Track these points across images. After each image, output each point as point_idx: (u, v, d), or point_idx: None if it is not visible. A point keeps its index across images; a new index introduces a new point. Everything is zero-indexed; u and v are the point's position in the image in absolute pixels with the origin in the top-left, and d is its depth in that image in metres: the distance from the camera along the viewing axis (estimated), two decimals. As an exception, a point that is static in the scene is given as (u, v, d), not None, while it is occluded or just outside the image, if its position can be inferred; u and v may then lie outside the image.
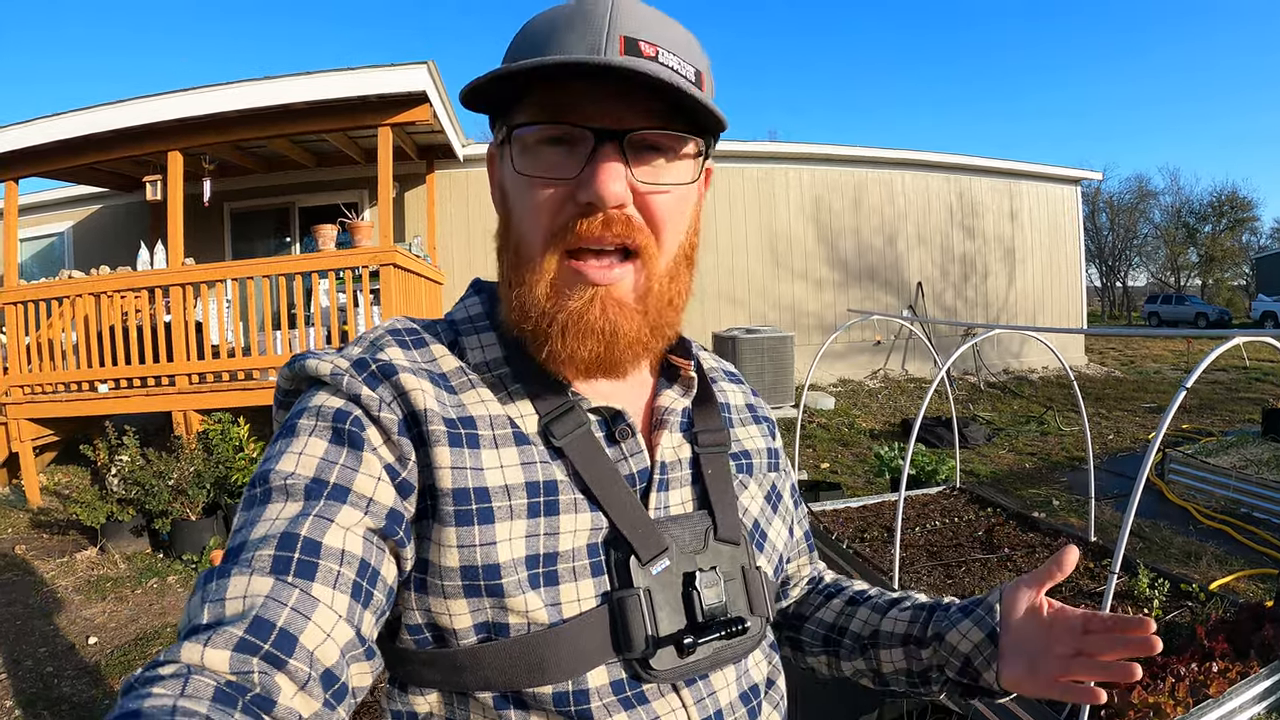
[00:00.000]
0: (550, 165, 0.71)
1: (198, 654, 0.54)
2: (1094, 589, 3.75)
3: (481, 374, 0.79)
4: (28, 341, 7.75)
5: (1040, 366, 13.84)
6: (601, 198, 0.68)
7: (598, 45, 0.67)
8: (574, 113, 0.69)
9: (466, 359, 0.80)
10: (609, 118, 0.69)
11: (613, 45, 0.67)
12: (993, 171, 14.08)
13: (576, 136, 0.70)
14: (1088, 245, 25.35)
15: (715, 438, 0.87)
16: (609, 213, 0.70)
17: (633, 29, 0.68)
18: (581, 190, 0.69)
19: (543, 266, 0.72)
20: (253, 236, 11.39)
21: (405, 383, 0.72)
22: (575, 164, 0.70)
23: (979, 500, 5.36)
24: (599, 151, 0.68)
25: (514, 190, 0.75)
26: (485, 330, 0.83)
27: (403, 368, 0.73)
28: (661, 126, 0.70)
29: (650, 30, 0.69)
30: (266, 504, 0.65)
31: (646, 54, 0.68)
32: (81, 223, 12.12)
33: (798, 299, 12.63)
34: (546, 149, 0.71)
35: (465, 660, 0.70)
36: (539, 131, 0.71)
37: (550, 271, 0.72)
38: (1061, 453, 8.54)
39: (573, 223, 0.70)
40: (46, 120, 7.65)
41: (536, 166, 0.71)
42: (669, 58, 0.69)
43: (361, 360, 0.74)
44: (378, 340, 0.79)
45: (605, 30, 0.67)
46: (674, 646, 0.72)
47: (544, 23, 0.71)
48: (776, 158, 12.67)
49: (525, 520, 0.71)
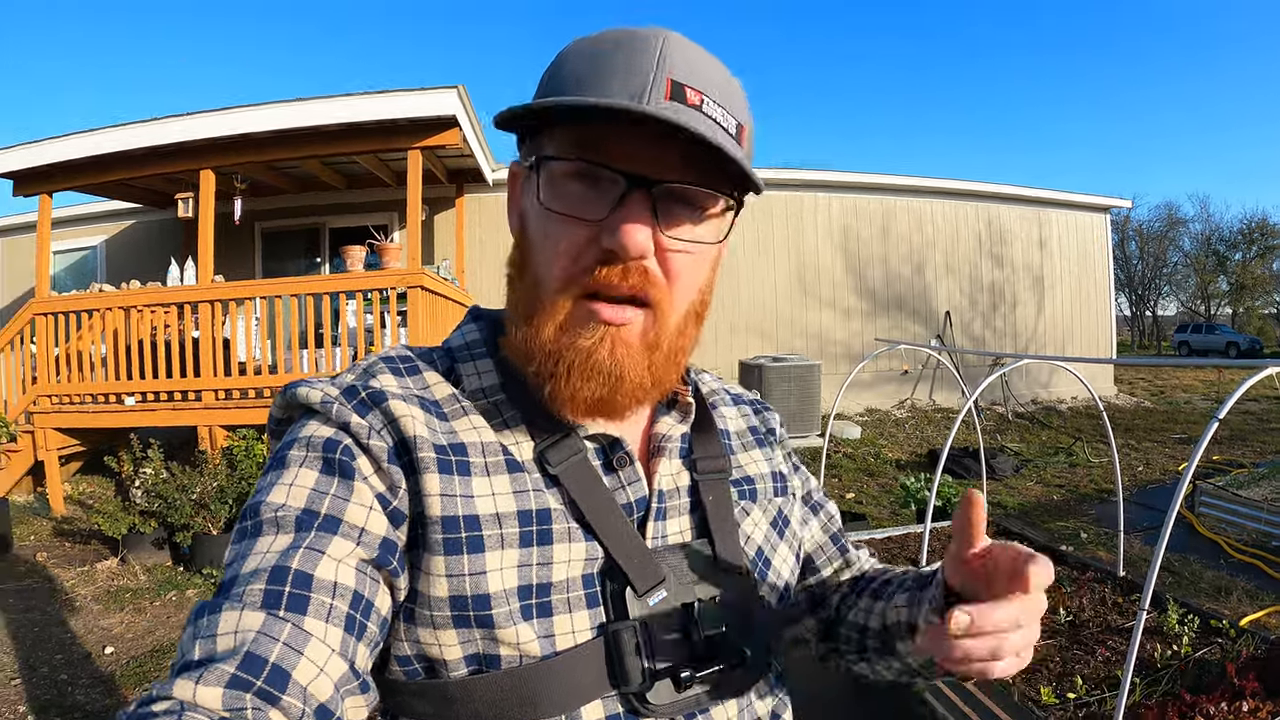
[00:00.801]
0: (576, 203, 0.68)
1: (190, 691, 0.53)
2: (1123, 624, 3.66)
3: (477, 401, 0.77)
4: (57, 352, 7.87)
5: (1069, 397, 13.68)
6: (625, 249, 0.66)
7: (643, 85, 0.64)
8: (608, 152, 0.66)
9: (462, 386, 0.78)
10: (643, 163, 0.66)
11: (659, 86, 0.64)
12: (1021, 199, 14.00)
13: (607, 178, 0.67)
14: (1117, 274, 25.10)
15: (715, 464, 0.85)
16: (629, 264, 0.68)
17: (682, 72, 0.66)
18: (605, 236, 0.67)
19: (555, 306, 0.70)
20: (283, 256, 11.52)
21: (395, 409, 0.71)
22: (602, 206, 0.67)
23: (1005, 533, 5.27)
24: (628, 199, 0.66)
25: (535, 221, 0.72)
26: (482, 357, 0.81)
27: (393, 394, 0.72)
28: (695, 182, 0.68)
29: (698, 75, 0.67)
30: (258, 537, 0.64)
31: (691, 101, 0.65)
32: (114, 237, 12.33)
33: (825, 328, 12.58)
34: (574, 184, 0.68)
35: (456, 692, 0.68)
36: (569, 166, 0.68)
37: (563, 312, 0.70)
38: (1090, 484, 8.41)
39: (592, 268, 0.68)
40: (81, 136, 7.81)
41: (562, 202, 0.69)
42: (713, 108, 0.66)
43: (352, 388, 0.73)
44: (370, 367, 0.78)
45: (653, 70, 0.65)
46: (671, 680, 0.70)
47: (589, 51, 0.68)
48: (805, 185, 12.67)
49: (517, 549, 0.69)
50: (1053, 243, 14.31)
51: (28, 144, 7.98)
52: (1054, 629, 3.71)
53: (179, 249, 10.08)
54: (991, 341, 13.64)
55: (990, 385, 12.64)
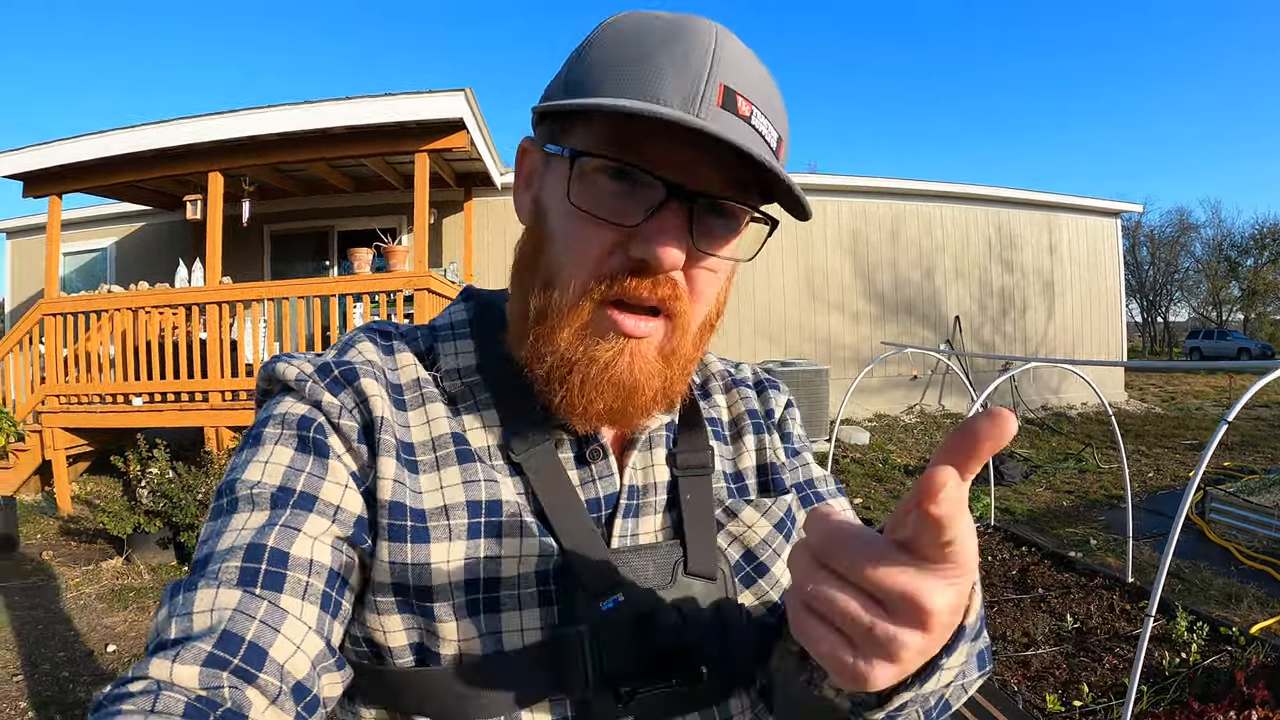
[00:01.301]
0: (609, 205, 0.64)
1: (166, 670, 0.53)
2: (1130, 632, 3.63)
3: (449, 381, 0.75)
4: (65, 353, 7.90)
5: (1079, 403, 13.61)
6: (660, 262, 0.62)
7: (696, 90, 0.60)
8: (648, 155, 0.62)
9: (439, 365, 0.76)
10: (684, 171, 0.62)
11: (711, 92, 0.61)
12: (1031, 204, 13.95)
13: (644, 181, 0.63)
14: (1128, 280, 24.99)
15: (697, 459, 0.79)
16: (659, 275, 0.65)
17: (734, 78, 0.62)
18: (638, 244, 0.63)
19: (574, 311, 0.66)
20: (292, 258, 11.57)
21: (367, 388, 0.69)
22: (636, 211, 0.63)
23: (1014, 539, 5.24)
24: (666, 208, 0.62)
25: (559, 216, 0.67)
26: (464, 338, 0.78)
27: (365, 371, 0.70)
28: (734, 197, 0.65)
29: (748, 82, 0.63)
30: (233, 514, 0.63)
31: (742, 111, 0.62)
32: (125, 239, 12.41)
33: (834, 332, 12.55)
34: (607, 183, 0.64)
35: (399, 682, 0.66)
36: (603, 164, 0.63)
37: (581, 318, 0.66)
38: (1100, 491, 8.36)
39: (621, 276, 0.64)
40: (90, 137, 7.85)
41: (593, 202, 0.64)
42: (761, 120, 0.63)
43: (325, 365, 0.71)
44: (352, 339, 0.76)
45: (705, 74, 0.61)
46: (613, 693, 0.66)
47: (636, 40, 0.64)
48: (814, 190, 12.63)
49: (465, 542, 0.66)
50: (1063, 247, 14.25)
51: (37, 145, 8.02)
52: (1061, 636, 3.68)
53: (188, 251, 10.12)
54: (1001, 347, 13.58)
55: (1000, 391, 12.58)
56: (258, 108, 7.53)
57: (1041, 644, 3.59)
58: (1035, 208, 14.00)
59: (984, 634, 0.67)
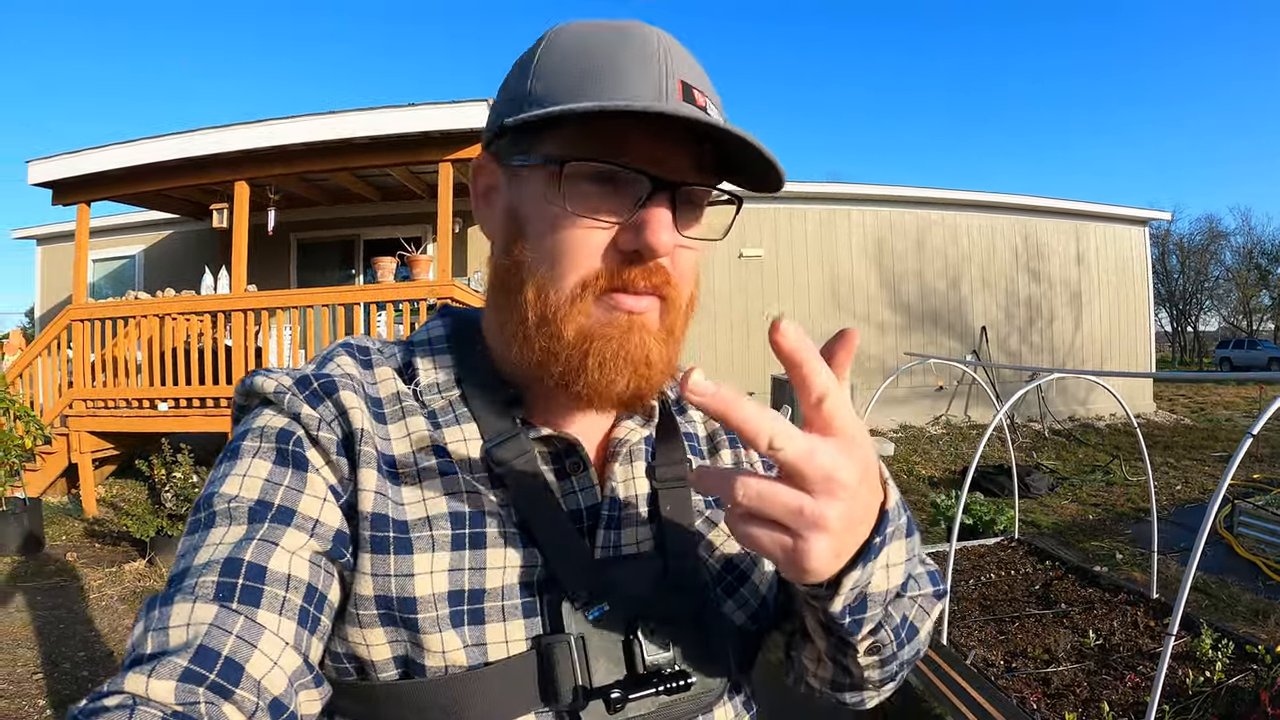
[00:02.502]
0: (597, 205, 0.66)
1: (142, 685, 0.52)
2: (1154, 649, 3.56)
3: (428, 395, 0.75)
4: (93, 358, 8.01)
5: (1107, 414, 13.43)
6: (654, 249, 0.65)
7: (661, 88, 0.64)
8: (627, 153, 0.65)
9: (417, 380, 0.76)
10: (664, 164, 0.65)
11: (672, 89, 0.64)
12: (1058, 212, 13.82)
13: (628, 178, 0.65)
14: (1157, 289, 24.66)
15: (675, 470, 0.81)
16: (652, 264, 0.67)
17: (686, 74, 0.66)
18: (630, 236, 0.66)
19: (579, 305, 0.67)
20: (319, 267, 11.70)
21: (346, 400, 0.69)
22: (624, 207, 0.66)
23: (1038, 552, 5.16)
24: (653, 199, 0.65)
25: (543, 222, 0.69)
26: (443, 353, 0.79)
27: (345, 384, 0.71)
28: (707, 182, 0.69)
29: (696, 75, 0.67)
30: (210, 528, 0.63)
31: (699, 103, 0.65)
32: (152, 247, 12.59)
33: (859, 343, 12.36)
34: (591, 185, 0.66)
35: (383, 695, 0.66)
36: (588, 167, 0.65)
37: (584, 314, 0.68)
38: (1127, 503, 8.25)
39: (616, 269, 0.67)
40: (117, 147, 7.98)
41: (580, 203, 0.66)
42: (713, 110, 0.66)
43: (304, 378, 0.71)
44: (331, 353, 0.77)
45: (663, 70, 0.65)
46: (603, 701, 0.66)
47: (586, 45, 0.67)
48: (838, 199, 12.61)
49: (449, 553, 0.67)
50: (1090, 256, 14.10)
51: (65, 154, 8.18)
52: (1083, 653, 3.62)
53: (215, 259, 10.24)
54: (1028, 357, 13.44)
55: (1028, 402, 12.45)
56: (282, 118, 7.64)
57: (1062, 661, 3.53)
58: (1062, 216, 13.88)
59: (916, 536, 0.69)
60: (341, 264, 11.69)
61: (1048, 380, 4.20)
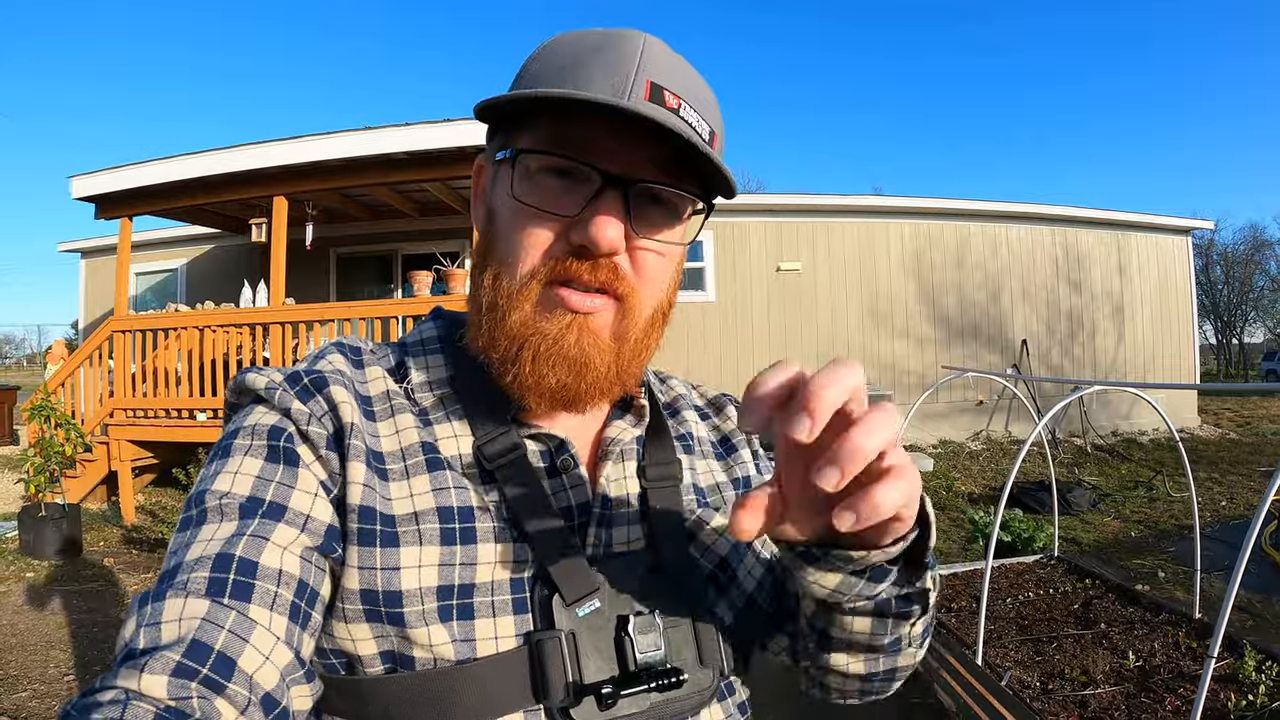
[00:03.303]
0: (550, 198, 0.68)
1: (135, 680, 0.52)
2: (1194, 671, 3.47)
3: (420, 394, 0.76)
4: (133, 369, 8.17)
5: (1150, 428, 13.15)
6: (596, 244, 0.66)
7: (623, 85, 0.65)
8: (584, 149, 0.66)
9: (409, 380, 0.77)
10: (618, 162, 0.66)
11: (638, 88, 0.65)
12: (1099, 223, 13.59)
13: (582, 174, 0.67)
14: (1200, 300, 24.16)
15: (665, 470, 0.81)
16: (599, 259, 0.68)
17: (661, 76, 0.66)
18: (577, 231, 0.67)
19: (521, 295, 0.69)
20: (357, 281, 11.90)
21: (336, 395, 0.70)
22: (576, 202, 0.67)
23: (1078, 570, 5.05)
24: (603, 196, 0.66)
25: (505, 213, 0.72)
26: (435, 352, 0.80)
27: (335, 380, 0.71)
28: (668, 183, 0.69)
29: (676, 79, 0.68)
30: (202, 525, 0.63)
31: (669, 104, 0.66)
32: (195, 260, 12.86)
33: (898, 357, 12.37)
34: (548, 179, 0.68)
35: (370, 691, 0.66)
36: (545, 160, 0.68)
37: (530, 300, 0.69)
38: (1170, 520, 8.07)
39: (562, 260, 0.68)
40: (159, 162, 8.16)
41: (535, 196, 0.68)
42: (689, 113, 0.67)
43: (295, 375, 0.72)
44: (323, 351, 0.77)
45: (633, 70, 0.65)
46: (594, 697, 0.66)
47: (569, 47, 0.69)
48: (878, 211, 12.53)
49: (438, 547, 0.67)
50: (1132, 267, 13.84)
51: (108, 169, 8.38)
52: (1122, 675, 3.53)
53: (255, 272, 10.41)
54: (1070, 370, 13.22)
55: (1069, 417, 12.23)
56: (320, 134, 7.76)
57: (1101, 683, 3.44)
58: (1103, 226, 13.65)
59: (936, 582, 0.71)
60: (380, 278, 11.85)
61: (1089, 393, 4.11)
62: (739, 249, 12.02)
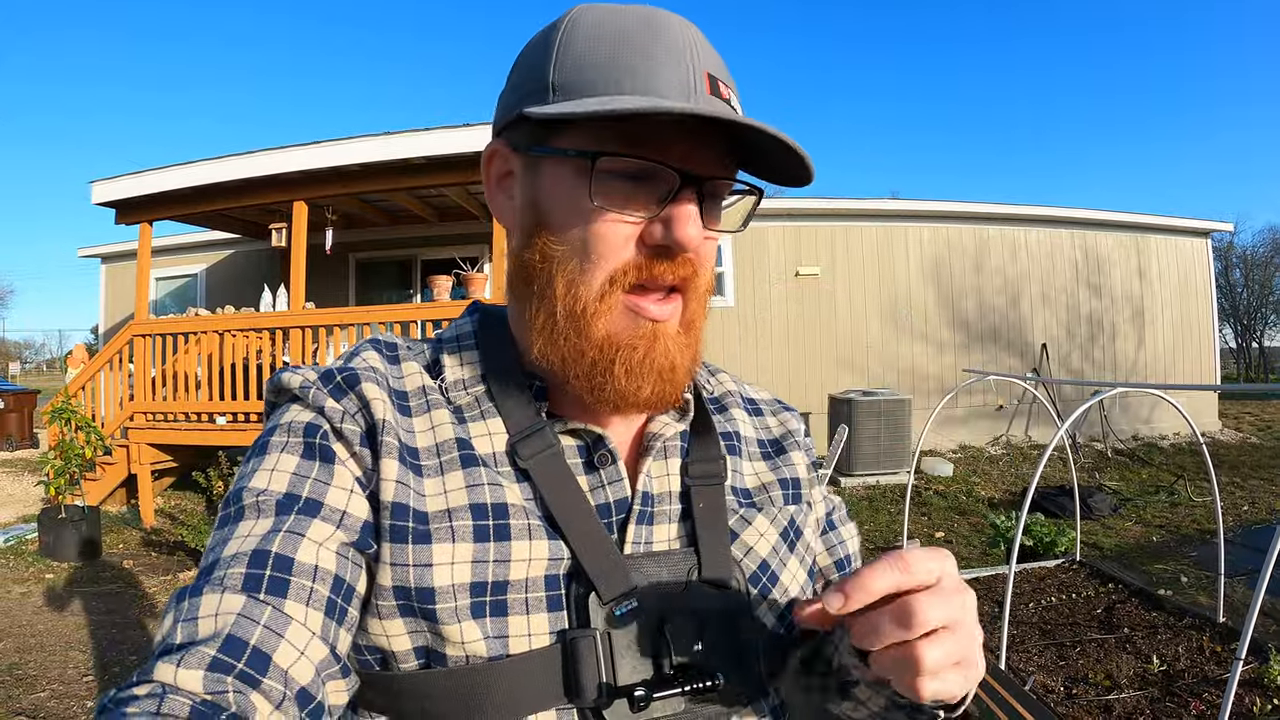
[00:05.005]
0: (626, 200, 0.67)
1: (171, 674, 0.53)
2: (1219, 675, 3.43)
3: (454, 392, 0.76)
4: (153, 373, 8.23)
5: (1171, 433, 13.02)
6: (683, 244, 0.66)
7: (690, 82, 0.65)
8: (655, 148, 0.65)
9: (444, 376, 0.77)
10: (690, 159, 0.66)
11: (700, 83, 0.65)
12: (1119, 225, 13.47)
13: (657, 174, 0.66)
14: (1220, 303, 23.87)
15: (709, 468, 0.79)
16: (679, 257, 0.68)
17: (711, 65, 0.67)
18: (660, 231, 0.67)
19: (606, 303, 0.68)
20: (376, 286, 11.96)
21: (368, 392, 0.70)
22: (653, 202, 0.67)
23: (1100, 575, 5.01)
24: (681, 194, 0.66)
25: (573, 215, 0.68)
26: (470, 349, 0.80)
27: (368, 377, 0.71)
28: (729, 176, 0.70)
29: (719, 66, 0.68)
30: (239, 521, 0.63)
31: (724, 95, 0.66)
32: (214, 265, 12.94)
33: (917, 361, 12.27)
34: (618, 181, 0.66)
35: (404, 686, 0.66)
36: (618, 163, 0.66)
37: (611, 311, 0.69)
38: (1192, 525, 7.99)
39: (645, 263, 0.68)
40: (178, 168, 8.22)
41: (610, 200, 0.67)
42: (735, 100, 0.68)
43: (329, 373, 0.72)
44: (358, 349, 0.78)
45: (693, 66, 0.65)
46: (627, 699, 0.64)
47: (614, 38, 0.66)
48: (896, 215, 12.48)
49: (471, 544, 0.66)
50: (1152, 270, 13.71)
51: (128, 175, 8.46)
52: (1146, 679, 3.49)
53: (274, 277, 10.46)
54: (1090, 375, 13.07)
55: (1090, 421, 12.12)
56: (339, 139, 7.80)
57: (1125, 687, 3.40)
58: (1122, 229, 13.52)
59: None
60: (399, 283, 11.90)
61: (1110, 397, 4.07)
62: (757, 254, 11.99)
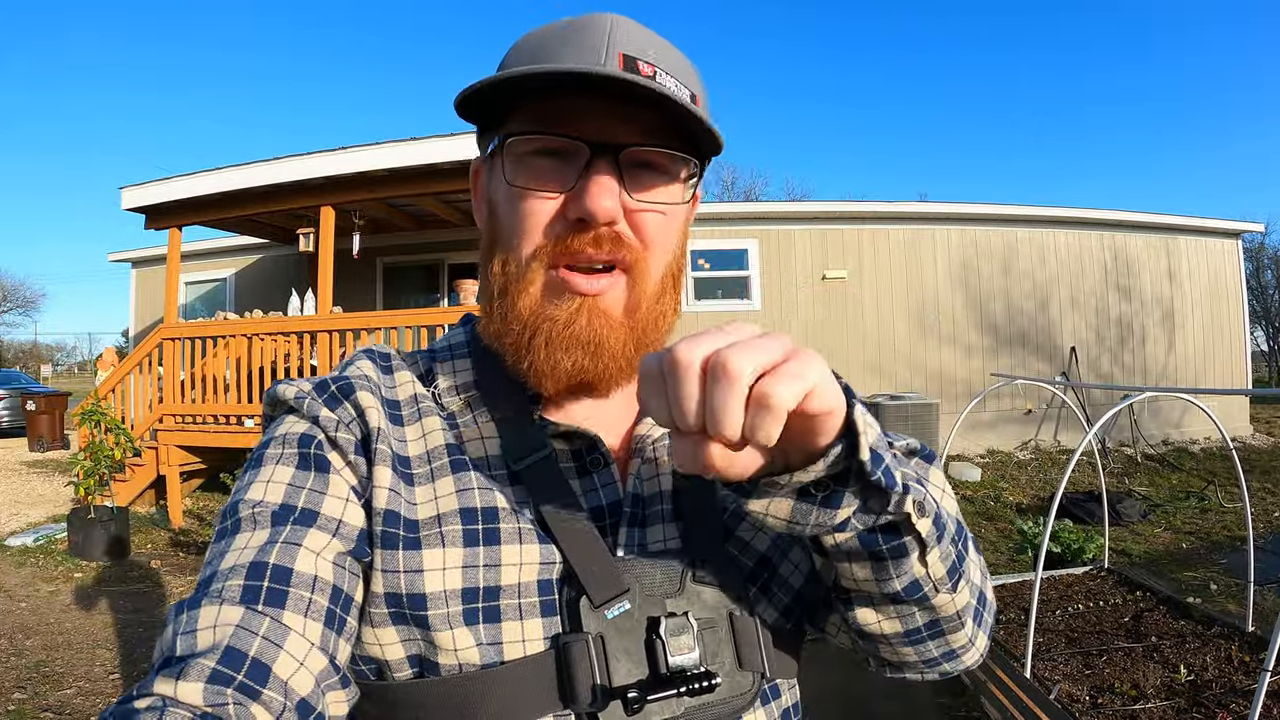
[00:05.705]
0: (542, 177, 0.69)
1: (171, 687, 0.53)
2: (1247, 686, 3.37)
3: (447, 398, 0.77)
4: (182, 376, 8.34)
5: (1202, 437, 12.83)
6: (593, 213, 0.66)
7: (596, 61, 0.66)
8: (569, 125, 0.67)
9: (436, 384, 0.78)
10: (605, 132, 0.67)
11: (611, 61, 0.66)
12: (1148, 226, 13.28)
13: (571, 149, 0.68)
14: (1251, 305, 23.48)
15: None
16: (599, 230, 0.68)
17: (632, 49, 0.68)
18: (573, 204, 0.68)
19: (528, 278, 0.70)
20: (403, 290, 12.06)
21: (362, 401, 0.71)
22: (568, 177, 0.68)
23: (1128, 582, 4.95)
24: (593, 166, 0.67)
25: (503, 202, 0.73)
26: (462, 357, 0.81)
27: (362, 386, 0.72)
28: (657, 144, 0.69)
29: (648, 51, 0.69)
30: (236, 534, 0.64)
31: (645, 73, 0.66)
32: (243, 270, 13.09)
33: (945, 366, 12.14)
34: (539, 160, 0.69)
35: (399, 696, 0.66)
36: (532, 142, 0.69)
37: (536, 283, 0.70)
38: (1222, 531, 7.87)
39: (564, 237, 0.69)
40: (207, 174, 8.33)
41: (528, 178, 0.69)
42: (666, 79, 0.67)
43: (323, 383, 0.73)
44: (352, 359, 0.79)
45: (604, 47, 0.66)
46: (621, 702, 0.63)
47: (540, 37, 0.70)
48: (924, 218, 12.38)
49: (462, 549, 0.66)
50: (1182, 272, 13.51)
51: (158, 181, 8.58)
52: (1173, 689, 3.44)
53: (302, 282, 10.56)
54: (1120, 379, 12.87)
55: (1119, 426, 11.96)
56: (366, 145, 7.87)
57: (1151, 697, 3.36)
58: (1152, 230, 13.33)
59: (921, 458, 0.77)
60: (425, 287, 11.98)
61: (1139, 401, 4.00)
62: (784, 257, 11.95)
